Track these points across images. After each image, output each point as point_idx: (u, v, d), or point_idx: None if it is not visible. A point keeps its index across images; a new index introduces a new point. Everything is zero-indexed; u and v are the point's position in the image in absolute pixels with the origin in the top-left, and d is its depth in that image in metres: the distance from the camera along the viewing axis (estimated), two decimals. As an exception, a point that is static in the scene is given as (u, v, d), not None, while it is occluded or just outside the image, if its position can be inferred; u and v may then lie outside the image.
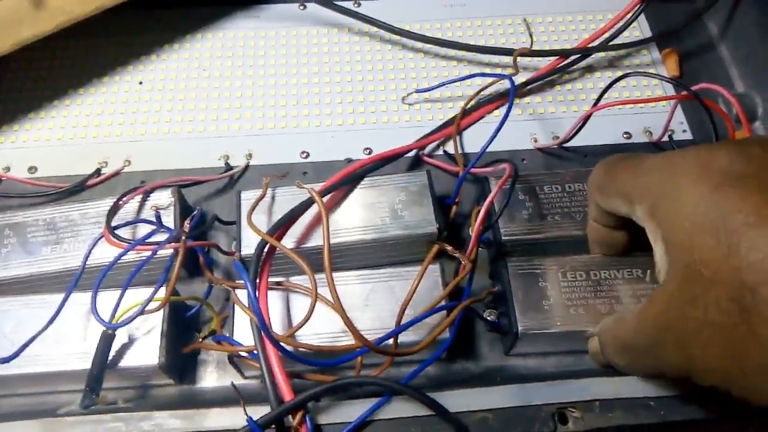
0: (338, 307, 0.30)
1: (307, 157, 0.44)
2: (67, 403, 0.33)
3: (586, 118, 0.41)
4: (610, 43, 0.48)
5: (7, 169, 0.43)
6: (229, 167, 0.43)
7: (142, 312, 0.32)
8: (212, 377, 0.36)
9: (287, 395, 0.28)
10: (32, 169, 0.43)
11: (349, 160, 0.44)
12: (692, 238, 0.24)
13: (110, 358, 0.33)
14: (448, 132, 0.44)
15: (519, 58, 0.43)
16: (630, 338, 0.28)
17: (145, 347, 0.34)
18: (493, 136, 0.36)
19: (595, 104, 0.41)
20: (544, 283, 0.35)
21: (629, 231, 0.33)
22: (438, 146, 0.45)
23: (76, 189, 0.42)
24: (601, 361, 0.33)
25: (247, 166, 0.44)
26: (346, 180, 0.38)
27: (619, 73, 0.48)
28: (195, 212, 0.35)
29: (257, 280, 0.32)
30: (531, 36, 0.44)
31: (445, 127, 0.44)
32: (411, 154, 0.43)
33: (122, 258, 0.34)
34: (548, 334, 0.34)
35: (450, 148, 0.45)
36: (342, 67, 0.48)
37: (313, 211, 0.37)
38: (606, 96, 0.41)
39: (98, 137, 0.45)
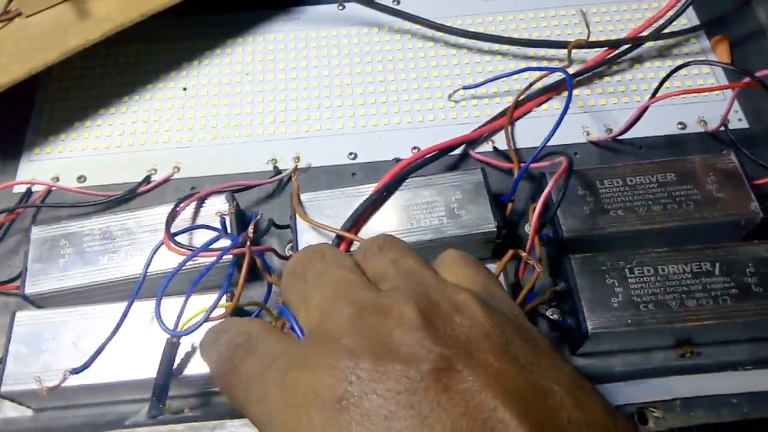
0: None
1: (355, 158, 0.44)
2: (131, 413, 0.33)
3: (644, 110, 0.40)
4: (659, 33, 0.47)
5: (57, 179, 0.43)
6: (277, 171, 0.43)
7: (207, 319, 0.31)
8: (273, 383, 0.36)
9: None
10: (81, 178, 0.43)
11: (398, 160, 0.44)
12: None
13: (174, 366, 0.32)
14: (499, 124, 0.43)
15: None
16: None
17: (207, 355, 0.33)
18: (553, 131, 0.36)
19: (653, 95, 0.40)
20: (611, 280, 0.34)
21: None
22: (486, 142, 0.44)
23: (127, 197, 0.42)
24: None
25: (295, 169, 0.43)
26: (398, 179, 0.37)
27: (669, 63, 0.48)
28: (257, 217, 0.35)
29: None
30: (588, 27, 0.43)
31: (493, 123, 0.44)
32: (459, 150, 0.43)
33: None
34: (618, 332, 0.33)
35: (499, 144, 0.44)
36: (385, 66, 0.48)
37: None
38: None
39: (146, 144, 0.44)
